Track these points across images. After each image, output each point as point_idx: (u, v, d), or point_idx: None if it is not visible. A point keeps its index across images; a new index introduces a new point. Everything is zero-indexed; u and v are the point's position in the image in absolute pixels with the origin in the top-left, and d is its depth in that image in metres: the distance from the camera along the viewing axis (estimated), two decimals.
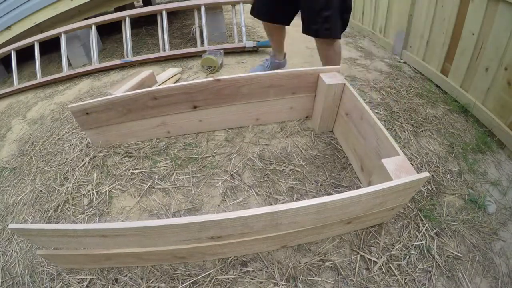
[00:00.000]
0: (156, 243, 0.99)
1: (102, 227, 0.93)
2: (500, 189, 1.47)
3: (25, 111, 2.32)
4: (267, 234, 1.01)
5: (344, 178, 1.43)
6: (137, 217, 1.34)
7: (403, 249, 1.20)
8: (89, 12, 2.98)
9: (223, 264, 1.15)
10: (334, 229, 1.13)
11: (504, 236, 1.29)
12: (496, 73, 1.64)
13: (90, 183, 1.49)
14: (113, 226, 0.90)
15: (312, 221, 0.99)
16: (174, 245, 1.01)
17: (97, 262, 1.12)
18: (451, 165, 1.57)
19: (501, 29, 1.57)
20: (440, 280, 1.13)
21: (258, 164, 1.49)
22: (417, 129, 1.73)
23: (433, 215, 1.32)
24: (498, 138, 1.69)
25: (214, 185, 1.43)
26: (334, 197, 0.89)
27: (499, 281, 1.14)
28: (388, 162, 1.02)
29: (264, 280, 1.10)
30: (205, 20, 2.64)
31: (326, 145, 1.61)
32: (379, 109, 1.84)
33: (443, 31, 2.02)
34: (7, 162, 1.81)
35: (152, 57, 2.60)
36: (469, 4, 1.77)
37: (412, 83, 2.16)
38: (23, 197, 1.53)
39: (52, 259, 1.13)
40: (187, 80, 2.20)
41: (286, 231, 1.02)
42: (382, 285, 1.10)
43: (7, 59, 2.80)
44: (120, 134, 1.61)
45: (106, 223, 1.26)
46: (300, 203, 0.89)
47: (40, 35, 2.64)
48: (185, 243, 1.00)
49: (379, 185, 0.91)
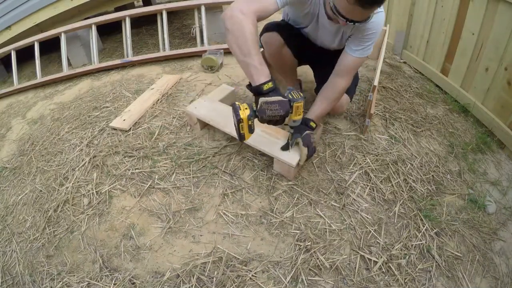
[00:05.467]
0: None
1: None
2: (500, 189, 1.47)
3: (25, 111, 2.32)
4: None
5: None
6: (137, 217, 1.34)
7: (403, 249, 1.20)
8: (89, 12, 2.98)
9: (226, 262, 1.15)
10: None
11: (504, 236, 1.29)
12: (496, 73, 1.64)
13: (90, 183, 1.49)
14: None
15: None
16: None
17: None
18: (451, 165, 1.57)
19: (501, 29, 1.57)
20: (440, 280, 1.13)
21: (258, 164, 1.49)
22: (417, 129, 1.73)
23: (433, 215, 1.32)
24: (498, 138, 1.69)
25: (214, 185, 1.43)
26: None
27: (499, 281, 1.14)
28: None
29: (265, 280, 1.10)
30: (205, 20, 2.63)
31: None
32: (379, 109, 1.84)
33: (443, 31, 2.02)
34: (7, 162, 1.81)
35: (152, 57, 2.59)
36: (469, 4, 1.77)
37: (412, 83, 2.16)
38: (23, 197, 1.53)
39: None
40: (187, 80, 2.20)
41: None
42: (382, 285, 1.10)
43: (7, 59, 2.80)
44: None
45: None
46: None
47: (40, 35, 2.64)
48: None
49: None
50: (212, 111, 1.60)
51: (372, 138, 1.64)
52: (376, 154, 1.54)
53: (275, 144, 1.39)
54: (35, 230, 1.37)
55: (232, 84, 2.06)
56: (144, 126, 1.76)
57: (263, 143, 1.40)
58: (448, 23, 1.97)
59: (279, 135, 1.44)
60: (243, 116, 1.07)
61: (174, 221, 1.30)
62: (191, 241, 1.24)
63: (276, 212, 1.31)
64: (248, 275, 1.12)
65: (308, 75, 2.09)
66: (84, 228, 1.33)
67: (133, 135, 1.71)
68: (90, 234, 1.31)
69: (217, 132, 1.66)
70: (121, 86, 2.24)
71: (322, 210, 1.32)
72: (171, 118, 1.81)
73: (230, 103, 1.80)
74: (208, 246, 1.22)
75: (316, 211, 1.31)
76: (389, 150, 1.58)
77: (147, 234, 1.28)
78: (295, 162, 1.31)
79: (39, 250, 1.31)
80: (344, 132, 1.66)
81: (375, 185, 1.41)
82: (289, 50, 1.49)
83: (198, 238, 1.25)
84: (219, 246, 1.22)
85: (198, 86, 2.12)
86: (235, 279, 1.11)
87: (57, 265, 1.24)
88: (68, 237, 1.32)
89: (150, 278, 1.15)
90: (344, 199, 1.35)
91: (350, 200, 1.36)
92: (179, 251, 1.22)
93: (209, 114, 1.59)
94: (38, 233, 1.35)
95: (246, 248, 1.21)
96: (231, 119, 1.54)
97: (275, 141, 1.41)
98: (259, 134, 1.44)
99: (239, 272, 1.13)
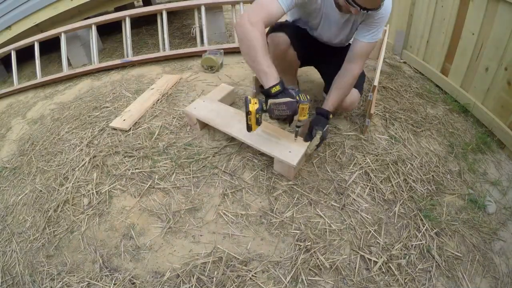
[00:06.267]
0: None
1: None
2: (500, 189, 1.47)
3: (25, 111, 2.32)
4: None
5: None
6: (137, 217, 1.34)
7: (403, 249, 1.20)
8: (89, 12, 2.98)
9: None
10: None
11: (504, 236, 1.29)
12: (496, 73, 1.64)
13: (90, 183, 1.49)
14: None
15: None
16: None
17: None
18: (451, 165, 1.57)
19: (501, 29, 1.57)
20: (440, 280, 1.13)
21: (258, 164, 1.49)
22: (417, 129, 1.73)
23: (433, 215, 1.32)
24: (498, 138, 1.69)
25: (214, 185, 1.43)
26: None
27: (499, 281, 1.14)
28: None
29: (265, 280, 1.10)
30: (205, 20, 2.63)
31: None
32: (379, 109, 1.84)
33: (443, 31, 2.02)
34: (7, 162, 1.81)
35: (152, 57, 2.59)
36: (469, 4, 1.77)
37: (412, 83, 2.16)
38: (23, 197, 1.53)
39: None
40: (187, 80, 2.20)
41: None
42: (382, 285, 1.10)
43: (7, 59, 2.80)
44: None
45: None
46: None
47: (40, 35, 2.64)
48: None
49: None
50: (211, 112, 1.60)
51: (372, 138, 1.64)
52: (376, 154, 1.54)
53: (275, 144, 1.39)
54: (35, 230, 1.37)
55: (232, 84, 2.06)
56: (144, 126, 1.76)
57: (264, 143, 1.40)
58: (448, 23, 1.97)
59: (279, 135, 1.44)
60: (252, 109, 1.19)
61: (174, 221, 1.30)
62: (191, 241, 1.24)
63: (276, 212, 1.31)
64: (248, 275, 1.12)
65: (308, 75, 2.09)
66: (84, 228, 1.33)
67: (133, 135, 1.71)
68: (90, 234, 1.31)
69: (217, 132, 1.66)
70: (121, 86, 2.24)
71: (322, 210, 1.32)
72: (171, 118, 1.81)
73: (230, 103, 1.81)
74: (208, 246, 1.22)
75: (316, 211, 1.31)
76: (389, 150, 1.58)
77: (147, 234, 1.28)
78: (295, 162, 1.31)
79: (39, 250, 1.31)
80: (344, 132, 1.66)
81: (375, 185, 1.41)
82: (294, 52, 1.52)
83: (198, 238, 1.25)
84: (219, 246, 1.22)
85: (198, 86, 2.12)
86: (235, 279, 1.11)
87: (57, 265, 1.24)
88: (68, 237, 1.32)
89: (150, 278, 1.15)
90: (344, 199, 1.35)
91: (350, 200, 1.35)
92: (179, 251, 1.22)
93: (208, 115, 1.59)
94: (38, 233, 1.35)
95: (246, 248, 1.21)
96: (231, 119, 1.54)
97: (275, 141, 1.41)
98: (259, 135, 1.44)
99: (239, 272, 1.13)
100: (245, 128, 1.24)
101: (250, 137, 1.42)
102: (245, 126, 1.23)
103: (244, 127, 1.24)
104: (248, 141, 1.42)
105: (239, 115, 1.57)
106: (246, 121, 1.22)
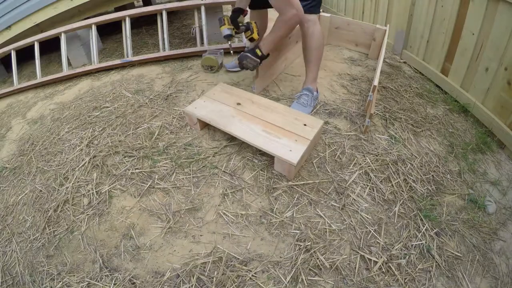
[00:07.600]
0: None
1: None
2: (500, 189, 1.47)
3: (25, 111, 2.32)
4: None
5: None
6: (137, 217, 1.34)
7: (403, 249, 1.20)
8: (89, 12, 2.98)
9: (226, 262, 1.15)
10: None
11: (504, 236, 1.29)
12: (496, 73, 1.64)
13: (90, 183, 1.49)
14: None
15: None
16: None
17: None
18: (451, 165, 1.57)
19: (501, 29, 1.57)
20: (440, 280, 1.13)
21: (258, 164, 1.49)
22: (417, 129, 1.73)
23: (433, 215, 1.32)
24: (498, 138, 1.69)
25: (214, 185, 1.43)
26: None
27: (499, 281, 1.14)
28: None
29: (265, 280, 1.10)
30: (205, 20, 2.63)
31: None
32: (379, 109, 1.84)
33: (443, 31, 2.02)
34: (7, 162, 1.81)
35: (152, 57, 2.59)
36: (469, 4, 1.77)
37: (412, 83, 2.16)
38: (23, 197, 1.53)
39: None
40: (187, 80, 2.20)
41: None
42: (382, 285, 1.10)
43: (7, 59, 2.79)
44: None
45: None
46: None
47: (40, 35, 2.64)
48: None
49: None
50: (211, 111, 1.60)
51: (372, 138, 1.64)
52: (376, 154, 1.54)
53: (275, 143, 1.39)
54: (35, 230, 1.37)
55: (232, 84, 2.06)
56: (144, 126, 1.76)
57: (264, 142, 1.40)
58: (448, 23, 1.97)
59: (279, 134, 1.44)
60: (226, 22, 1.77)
61: (174, 221, 1.30)
62: (191, 241, 1.24)
63: (276, 212, 1.31)
64: (248, 275, 1.12)
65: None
66: (84, 228, 1.33)
67: (133, 135, 1.71)
68: (90, 234, 1.31)
69: (217, 132, 1.66)
70: (121, 86, 2.24)
71: (322, 210, 1.32)
72: (171, 118, 1.81)
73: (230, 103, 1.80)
74: (208, 246, 1.22)
75: (316, 211, 1.31)
76: (389, 150, 1.58)
77: (147, 234, 1.28)
78: (296, 161, 1.31)
79: (39, 250, 1.31)
80: (344, 132, 1.66)
81: (375, 185, 1.41)
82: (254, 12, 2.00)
83: (198, 238, 1.25)
84: (219, 246, 1.22)
85: (198, 86, 2.12)
86: (235, 279, 1.11)
87: (57, 265, 1.24)
88: (68, 237, 1.32)
89: (150, 278, 1.15)
90: (344, 199, 1.35)
91: (350, 200, 1.35)
92: (179, 251, 1.22)
93: (209, 114, 1.59)
94: (38, 233, 1.35)
95: (246, 248, 1.21)
96: (232, 119, 1.54)
97: (276, 140, 1.41)
98: (259, 134, 1.44)
99: (239, 272, 1.13)
100: (245, 128, 1.23)
101: (251, 137, 1.42)
102: (245, 126, 1.22)
103: (244, 127, 1.23)
104: (249, 140, 1.42)
105: (239, 114, 1.57)
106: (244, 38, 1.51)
